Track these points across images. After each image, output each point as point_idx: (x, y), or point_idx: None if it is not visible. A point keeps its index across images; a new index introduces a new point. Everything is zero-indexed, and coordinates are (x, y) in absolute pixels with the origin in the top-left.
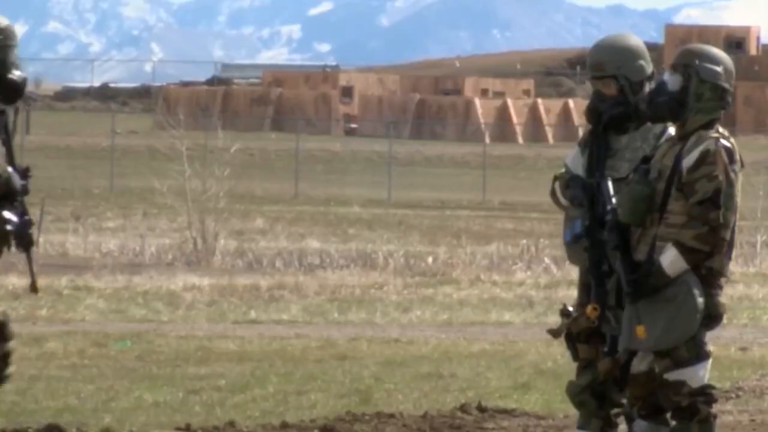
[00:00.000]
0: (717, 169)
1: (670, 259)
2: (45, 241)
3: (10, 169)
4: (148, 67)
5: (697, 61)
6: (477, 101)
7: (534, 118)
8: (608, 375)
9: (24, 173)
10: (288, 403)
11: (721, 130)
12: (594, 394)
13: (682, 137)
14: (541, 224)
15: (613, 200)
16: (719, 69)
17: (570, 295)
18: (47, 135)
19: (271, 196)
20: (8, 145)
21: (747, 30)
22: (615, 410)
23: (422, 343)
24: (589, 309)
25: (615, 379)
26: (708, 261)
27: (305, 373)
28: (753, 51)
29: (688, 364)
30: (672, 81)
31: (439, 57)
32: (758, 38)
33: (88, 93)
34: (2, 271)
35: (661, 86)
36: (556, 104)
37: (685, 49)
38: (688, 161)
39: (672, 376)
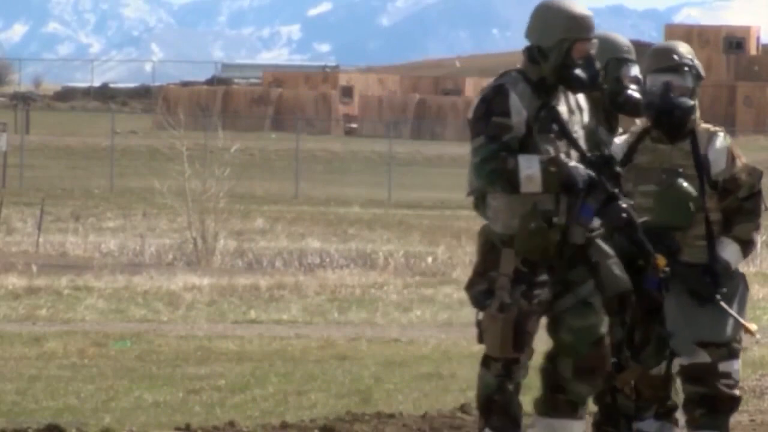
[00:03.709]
0: (743, 158)
1: (735, 255)
2: (45, 241)
3: (571, 162)
4: (148, 67)
5: (694, 60)
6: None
7: None
8: (626, 383)
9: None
10: (288, 403)
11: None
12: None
13: (678, 137)
14: None
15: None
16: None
17: None
18: (47, 135)
19: (271, 196)
20: (568, 136)
21: (747, 30)
22: None
23: (422, 343)
24: (660, 260)
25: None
26: None
27: (305, 373)
28: (753, 51)
29: (736, 357)
30: (686, 81)
31: (439, 57)
32: (758, 38)
33: (88, 93)
34: (2, 270)
35: (679, 89)
36: None
37: (682, 48)
38: (716, 157)
39: (724, 366)
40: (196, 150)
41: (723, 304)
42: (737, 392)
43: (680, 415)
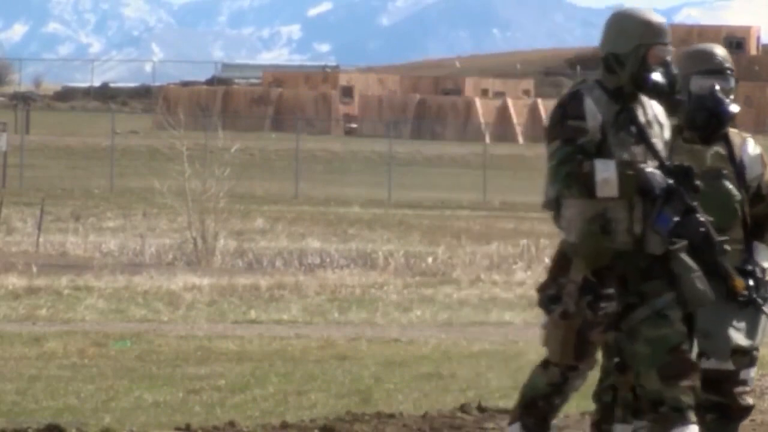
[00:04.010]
0: None
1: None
2: (45, 241)
3: (648, 167)
4: (148, 67)
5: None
6: (477, 101)
7: (534, 118)
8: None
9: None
10: (288, 403)
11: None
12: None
13: (713, 139)
14: (541, 224)
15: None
16: None
17: None
18: (47, 135)
19: (271, 196)
20: (646, 141)
21: (747, 30)
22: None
23: (422, 343)
24: (739, 283)
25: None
26: None
27: (305, 373)
28: (753, 51)
29: (755, 364)
30: (729, 84)
31: (439, 57)
32: (758, 38)
33: (88, 93)
34: (2, 270)
35: (725, 92)
36: None
37: (721, 51)
38: (751, 163)
39: (744, 374)
40: (196, 150)
41: (766, 309)
42: (751, 401)
43: None
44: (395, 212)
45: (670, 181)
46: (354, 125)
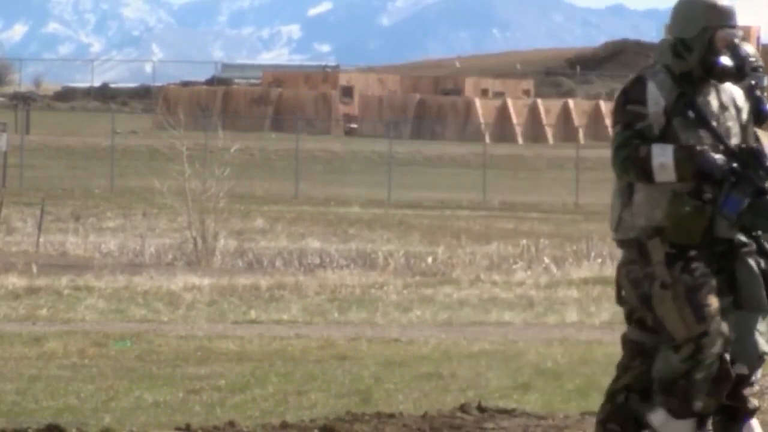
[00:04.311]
0: None
1: None
2: (45, 241)
3: (708, 151)
4: (148, 68)
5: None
6: (477, 101)
7: (534, 118)
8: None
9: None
10: (288, 403)
11: None
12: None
13: None
14: (541, 224)
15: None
16: None
17: (570, 294)
18: (47, 135)
19: (271, 196)
20: (707, 126)
21: (747, 30)
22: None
23: (422, 343)
24: None
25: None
26: None
27: (305, 373)
28: None
29: (762, 365)
30: (762, 83)
31: (439, 57)
32: (758, 38)
33: (88, 93)
34: (2, 270)
35: (760, 91)
36: (556, 104)
37: (751, 49)
38: None
39: (754, 376)
40: (196, 150)
41: None
42: (756, 403)
43: None
44: (395, 212)
45: (735, 165)
46: (354, 125)
